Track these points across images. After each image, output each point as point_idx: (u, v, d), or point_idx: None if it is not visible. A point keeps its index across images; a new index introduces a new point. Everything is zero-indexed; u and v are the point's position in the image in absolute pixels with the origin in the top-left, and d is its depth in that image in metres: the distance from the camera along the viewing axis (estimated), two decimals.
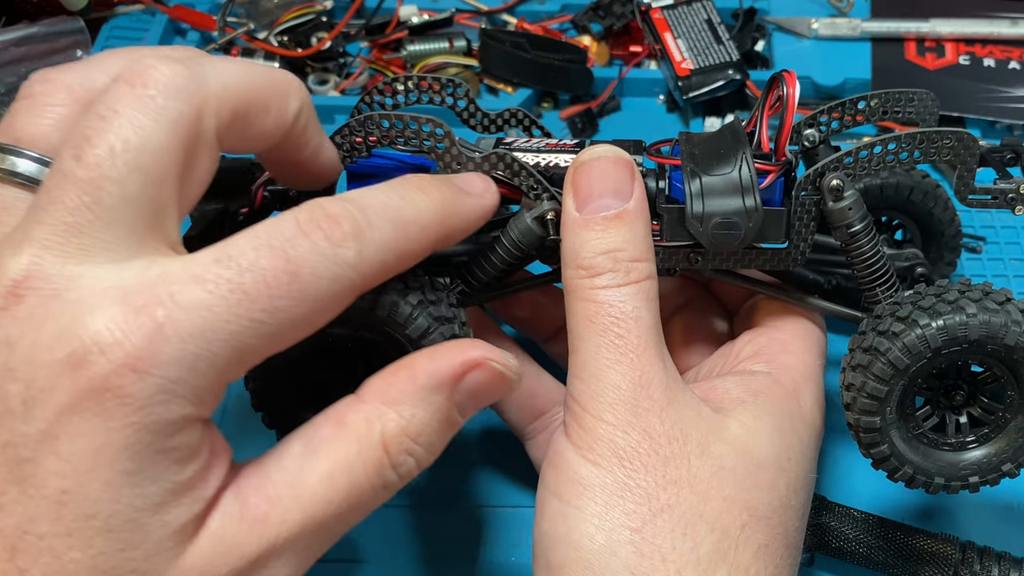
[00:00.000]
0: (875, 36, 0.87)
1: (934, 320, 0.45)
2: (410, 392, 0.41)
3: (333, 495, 0.39)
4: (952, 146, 0.48)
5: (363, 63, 0.86)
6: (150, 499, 0.36)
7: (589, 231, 0.47)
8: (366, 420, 0.41)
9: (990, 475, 0.49)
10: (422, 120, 0.49)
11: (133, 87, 0.37)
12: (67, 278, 0.35)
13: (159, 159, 0.37)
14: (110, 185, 0.36)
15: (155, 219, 0.38)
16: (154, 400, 0.35)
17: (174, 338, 0.35)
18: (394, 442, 0.40)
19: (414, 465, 0.42)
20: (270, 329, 0.37)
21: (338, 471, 0.40)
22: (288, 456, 0.40)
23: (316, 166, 0.47)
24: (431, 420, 0.41)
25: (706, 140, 0.50)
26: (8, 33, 0.86)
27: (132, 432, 0.35)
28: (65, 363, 0.34)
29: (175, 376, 0.35)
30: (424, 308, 0.47)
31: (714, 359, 0.55)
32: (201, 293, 0.36)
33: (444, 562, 0.60)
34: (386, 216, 0.41)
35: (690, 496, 0.44)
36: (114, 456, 0.35)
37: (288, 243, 0.38)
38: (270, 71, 0.43)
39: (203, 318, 0.35)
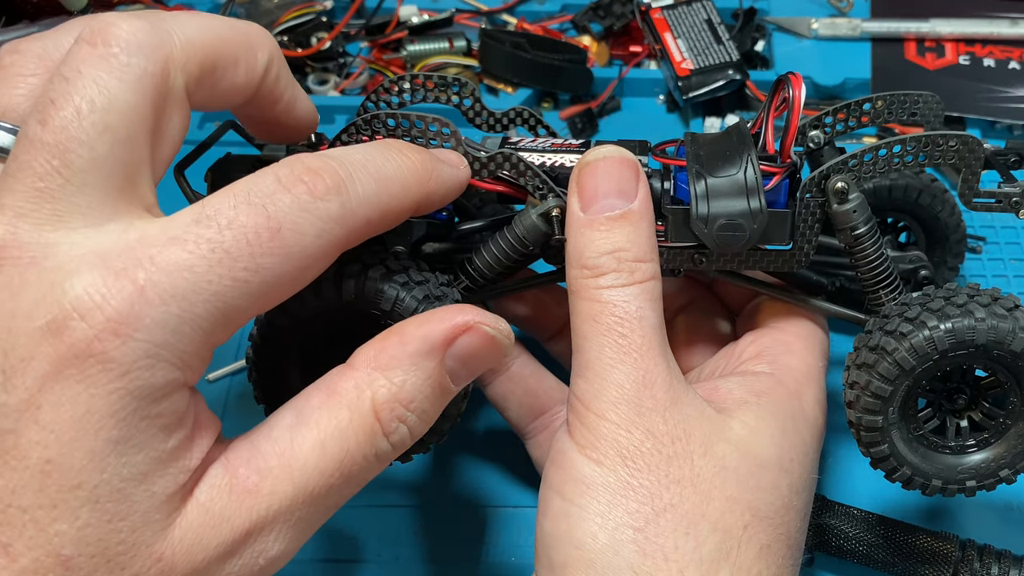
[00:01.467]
0: (875, 36, 0.87)
1: (942, 323, 0.45)
2: (400, 358, 0.41)
3: (325, 465, 0.39)
4: (957, 149, 0.48)
5: (363, 63, 0.86)
6: (136, 468, 0.35)
7: (594, 231, 0.47)
8: (356, 387, 0.40)
9: (987, 480, 0.49)
10: (428, 119, 0.49)
11: (95, 46, 0.37)
12: (43, 245, 0.35)
13: (127, 118, 0.36)
14: (78, 147, 0.35)
15: (128, 180, 0.37)
16: (138, 364, 0.34)
17: (156, 300, 0.34)
18: (385, 408, 0.40)
19: (407, 433, 0.41)
20: (254, 288, 0.36)
21: (329, 440, 0.39)
22: (278, 427, 0.39)
23: (292, 118, 0.47)
24: (423, 386, 0.41)
25: (711, 141, 0.50)
26: (8, 33, 0.85)
27: (117, 398, 0.34)
28: (45, 330, 0.34)
29: (159, 339, 0.34)
30: (429, 303, 0.47)
31: (717, 359, 0.55)
32: (181, 254, 0.35)
33: (444, 562, 0.60)
34: (368, 171, 0.40)
35: (693, 496, 0.44)
36: (99, 424, 0.34)
37: (268, 199, 0.37)
38: (236, 23, 0.42)
39: (185, 279, 0.35)
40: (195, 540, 0.36)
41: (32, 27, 0.86)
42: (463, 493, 0.62)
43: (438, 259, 0.53)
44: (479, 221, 0.55)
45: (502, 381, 0.57)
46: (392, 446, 0.41)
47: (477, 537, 0.60)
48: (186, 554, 0.36)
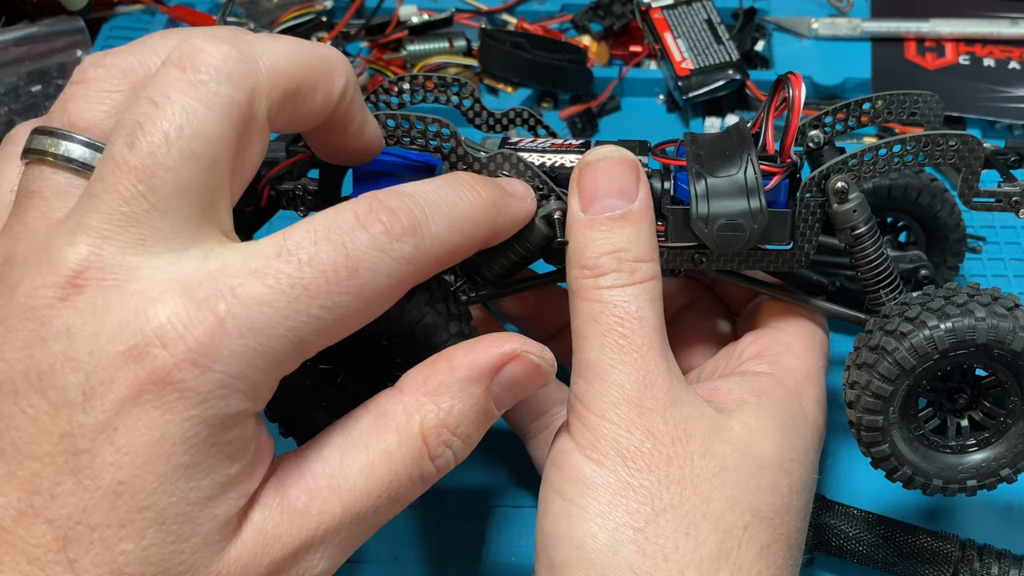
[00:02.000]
0: (875, 36, 0.87)
1: (943, 322, 0.45)
2: (449, 384, 0.41)
3: (373, 486, 0.40)
4: (956, 149, 0.48)
5: (363, 63, 0.86)
6: (202, 492, 0.36)
7: (594, 231, 0.47)
8: (405, 411, 0.41)
9: (988, 480, 0.49)
10: (428, 120, 0.49)
11: (184, 71, 0.37)
12: (127, 268, 0.35)
13: (212, 146, 0.37)
14: (165, 173, 0.36)
15: (209, 206, 0.38)
16: (214, 395, 0.35)
17: (235, 333, 0.35)
18: (433, 433, 0.41)
19: (451, 457, 0.42)
20: (327, 324, 0.37)
21: (378, 463, 0.40)
22: (328, 448, 0.40)
23: (360, 142, 0.47)
24: (469, 412, 0.42)
25: (711, 141, 0.50)
26: (8, 33, 0.86)
27: (190, 426, 0.35)
28: (127, 355, 0.34)
29: (235, 371, 0.35)
30: (432, 305, 0.47)
31: (717, 359, 0.55)
32: (261, 288, 0.36)
33: (444, 562, 0.60)
34: (442, 211, 0.41)
35: (693, 496, 0.44)
36: (171, 449, 0.35)
37: (347, 237, 0.37)
38: (316, 48, 0.42)
39: (263, 314, 0.35)
40: (249, 559, 0.37)
41: (32, 27, 0.86)
42: (463, 493, 0.62)
43: None
44: None
45: None
46: (437, 469, 0.42)
47: (477, 537, 0.60)
48: (240, 573, 0.37)
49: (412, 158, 0.51)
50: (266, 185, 0.51)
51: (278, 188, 0.52)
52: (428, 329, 0.47)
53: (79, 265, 0.35)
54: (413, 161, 0.51)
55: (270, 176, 0.51)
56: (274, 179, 0.51)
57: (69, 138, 0.40)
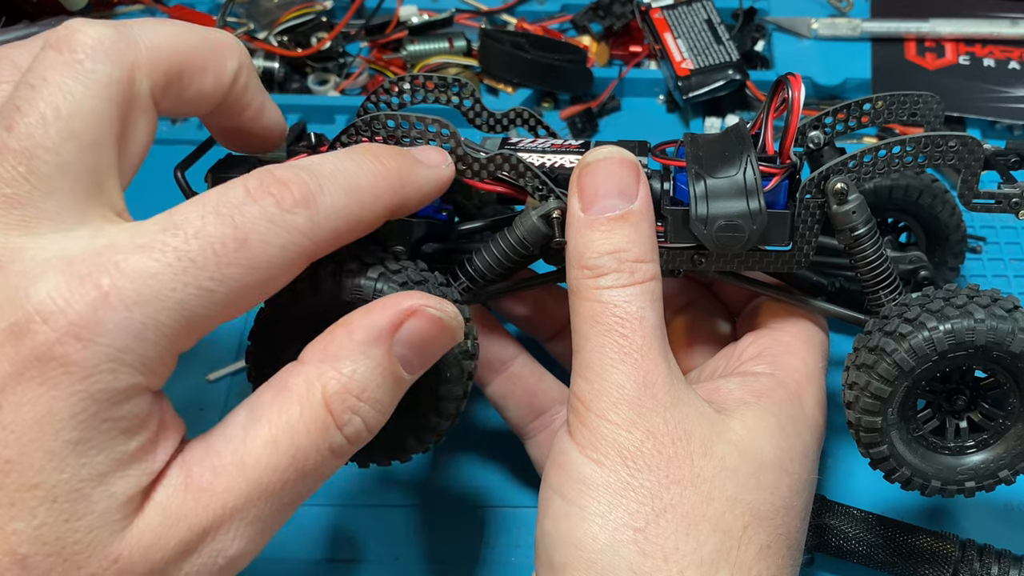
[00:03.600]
0: (875, 36, 0.87)
1: (942, 324, 0.45)
2: (348, 348, 0.40)
3: (278, 460, 0.38)
4: (956, 150, 0.48)
5: (363, 63, 0.86)
6: (95, 469, 0.35)
7: (594, 231, 0.47)
8: (306, 381, 0.40)
9: (987, 481, 0.49)
10: (428, 120, 0.49)
11: (60, 52, 0.37)
12: (10, 250, 0.35)
13: (93, 124, 0.37)
14: (45, 154, 0.36)
15: (96, 185, 0.37)
16: (100, 368, 0.34)
17: (119, 306, 0.34)
18: (336, 400, 0.39)
19: (361, 425, 0.40)
20: (220, 297, 0.36)
21: (281, 435, 0.39)
22: (232, 426, 0.39)
23: (260, 127, 0.47)
24: (373, 374, 0.40)
25: (711, 142, 0.50)
26: (8, 33, 0.86)
27: (77, 401, 0.34)
28: (7, 332, 0.34)
29: (121, 344, 0.34)
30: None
31: (717, 360, 0.56)
32: (147, 261, 0.35)
33: (444, 562, 0.60)
34: (338, 182, 0.40)
35: (693, 496, 0.44)
36: (59, 425, 0.34)
37: (236, 209, 0.37)
38: (204, 31, 0.42)
39: (149, 286, 0.35)
40: (153, 540, 0.36)
41: (32, 27, 0.86)
42: (463, 493, 0.62)
43: (438, 259, 0.53)
44: (479, 221, 0.55)
45: (501, 381, 0.57)
46: (347, 439, 0.40)
47: (477, 537, 0.60)
48: (144, 554, 0.36)
49: None
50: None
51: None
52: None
53: None
54: None
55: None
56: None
57: None
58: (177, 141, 0.80)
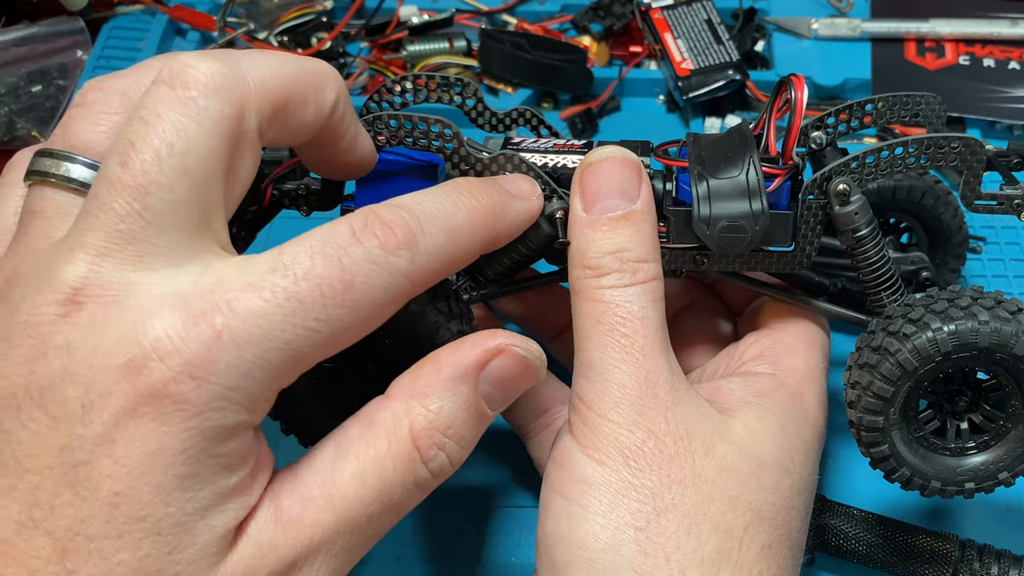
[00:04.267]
0: (875, 36, 0.87)
1: (946, 324, 0.45)
2: (435, 385, 0.41)
3: (365, 494, 0.39)
4: (959, 151, 0.48)
5: (363, 63, 0.86)
6: (199, 503, 0.36)
7: (596, 231, 0.47)
8: (394, 416, 0.40)
9: (986, 482, 0.49)
10: (431, 120, 0.49)
11: (173, 88, 0.37)
12: (125, 284, 0.36)
13: (204, 162, 0.37)
14: (158, 191, 0.36)
15: (204, 221, 0.38)
16: (211, 406, 0.35)
17: (231, 346, 0.35)
18: (423, 436, 0.40)
19: (446, 460, 0.41)
20: (323, 337, 0.37)
21: (368, 470, 0.39)
22: (319, 459, 0.40)
23: (353, 156, 0.47)
24: (459, 412, 0.41)
25: (714, 142, 0.50)
26: (8, 33, 0.86)
27: (188, 437, 0.35)
28: (124, 368, 0.35)
29: (232, 383, 0.35)
30: (433, 304, 0.47)
31: (718, 360, 0.56)
32: (258, 301, 0.36)
33: (444, 562, 0.60)
34: (438, 223, 0.41)
35: (694, 496, 0.44)
36: (169, 460, 0.35)
37: (343, 251, 0.38)
38: (306, 62, 0.42)
39: (259, 327, 0.36)
40: (245, 571, 0.37)
41: (32, 27, 0.86)
42: (463, 493, 0.62)
43: None
44: None
45: None
46: (432, 474, 0.41)
47: (477, 537, 0.60)
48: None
49: (415, 157, 0.51)
50: (269, 185, 0.51)
51: (281, 188, 0.52)
52: (430, 328, 0.47)
53: (78, 282, 0.36)
54: (416, 160, 0.51)
55: (273, 176, 0.51)
56: (277, 179, 0.52)
57: (70, 159, 0.40)
58: None
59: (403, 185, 0.52)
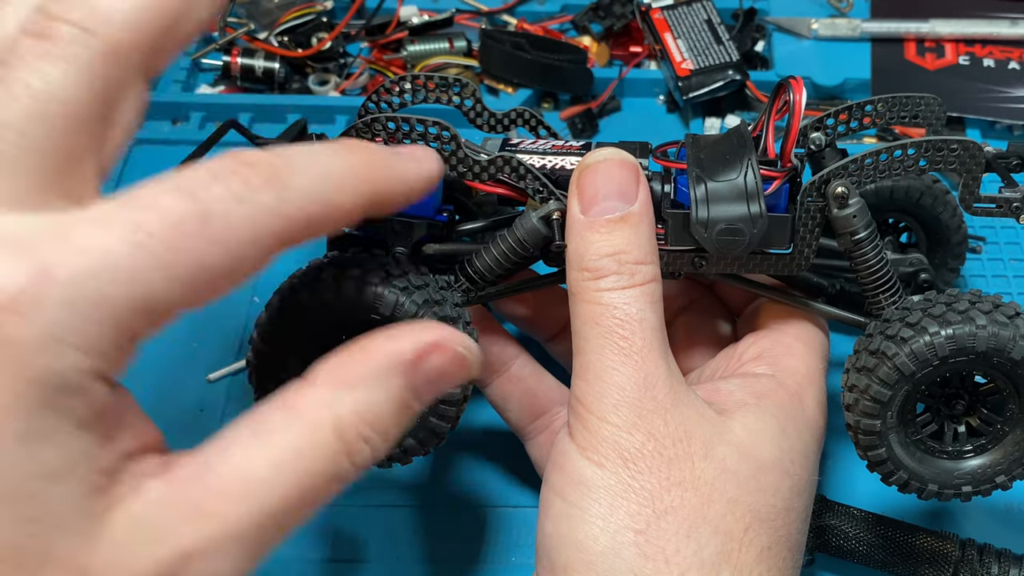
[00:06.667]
0: (875, 36, 0.87)
1: (944, 328, 0.45)
2: (365, 374, 0.38)
3: (281, 485, 0.36)
4: (958, 154, 0.48)
5: (363, 63, 0.86)
6: (44, 465, 0.32)
7: (594, 233, 0.47)
8: (317, 404, 0.37)
9: (983, 486, 0.49)
10: (428, 122, 0.49)
11: (39, 40, 0.35)
12: None
13: (68, 106, 0.35)
14: (8, 133, 0.34)
15: (65, 170, 0.35)
16: (43, 348, 0.32)
17: (63, 279, 0.32)
18: (349, 428, 0.37)
19: (369, 454, 0.38)
20: (179, 272, 0.34)
21: (287, 459, 0.36)
22: (233, 444, 0.36)
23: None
24: (387, 405, 0.38)
25: (712, 144, 0.50)
26: None
27: (20, 384, 0.32)
28: None
29: (65, 320, 0.32)
30: (429, 308, 0.47)
31: (717, 361, 0.56)
32: (97, 232, 0.33)
33: (444, 562, 0.60)
34: (309, 165, 0.38)
35: (694, 498, 0.44)
36: (2, 413, 0.32)
37: (199, 185, 0.35)
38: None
39: (98, 259, 0.32)
40: (127, 554, 0.34)
41: None
42: (463, 493, 0.63)
43: (439, 260, 0.53)
44: (480, 222, 0.55)
45: (502, 382, 0.57)
46: (354, 466, 0.38)
47: (477, 537, 0.60)
48: (115, 567, 0.34)
49: None
50: None
51: None
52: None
53: None
54: None
55: None
56: None
57: None
58: (177, 141, 0.80)
59: None
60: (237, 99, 0.84)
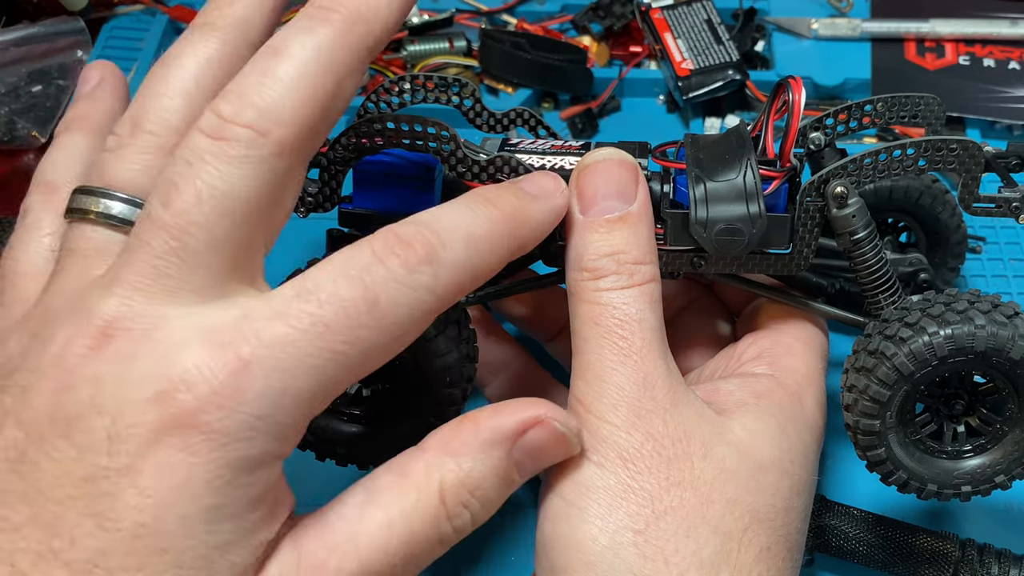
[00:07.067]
0: (875, 36, 0.87)
1: (942, 328, 0.45)
2: (471, 444, 0.41)
3: (390, 545, 0.39)
4: (957, 154, 0.48)
5: None
6: (223, 537, 0.36)
7: (593, 233, 0.47)
8: (426, 470, 0.40)
9: (982, 485, 0.49)
10: (428, 123, 0.49)
11: (214, 141, 0.38)
12: (155, 318, 0.36)
13: (244, 203, 0.37)
14: (197, 231, 0.37)
15: (242, 259, 0.38)
16: (239, 436, 0.35)
17: (259, 374, 0.35)
18: (451, 493, 0.40)
19: (469, 520, 0.41)
20: (352, 360, 0.37)
21: (396, 520, 0.39)
22: (348, 505, 0.40)
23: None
24: (489, 474, 0.41)
25: (712, 144, 0.50)
26: (8, 33, 0.85)
27: (215, 467, 0.35)
28: (152, 399, 0.35)
29: (260, 412, 0.35)
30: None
31: (716, 361, 0.55)
32: (284, 328, 0.36)
33: (444, 562, 0.59)
34: (458, 234, 0.41)
35: (693, 498, 0.44)
36: (195, 491, 0.35)
37: (365, 272, 0.38)
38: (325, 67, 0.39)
39: (287, 353, 0.36)
40: None
41: (32, 27, 0.86)
42: None
43: None
44: None
45: (502, 382, 0.57)
46: (454, 531, 0.41)
47: (477, 537, 0.60)
48: None
49: (412, 159, 0.51)
50: None
51: None
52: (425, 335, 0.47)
53: (110, 316, 0.36)
54: (413, 161, 0.52)
55: None
56: None
57: (108, 195, 0.41)
58: None
59: (401, 186, 0.52)
60: None
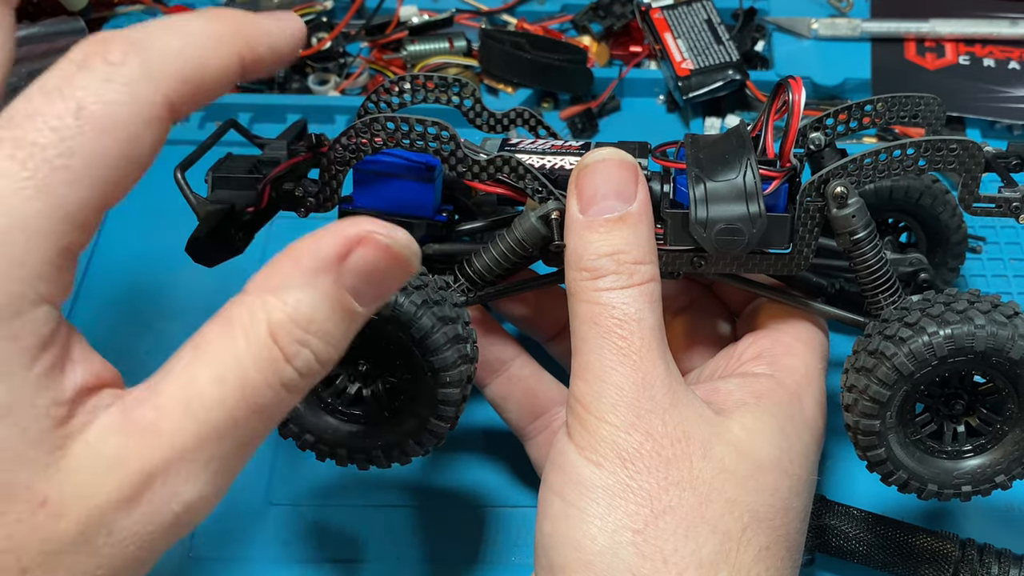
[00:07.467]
0: (875, 36, 0.87)
1: (942, 328, 0.45)
2: (292, 277, 0.37)
3: (226, 397, 0.36)
4: (957, 154, 0.48)
5: (363, 63, 0.86)
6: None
7: (593, 233, 0.47)
8: (249, 312, 0.37)
9: (982, 485, 0.49)
10: (428, 123, 0.49)
11: None
12: None
13: None
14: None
15: None
16: None
17: None
18: (282, 331, 0.36)
19: (312, 358, 0.37)
20: (79, 172, 0.34)
21: (228, 370, 0.36)
22: (177, 364, 0.36)
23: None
24: (320, 305, 0.37)
25: (712, 144, 0.50)
26: None
27: None
28: None
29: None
30: (428, 308, 0.47)
31: (716, 361, 0.56)
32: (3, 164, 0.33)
33: (444, 562, 0.60)
34: (168, 29, 0.37)
35: (692, 498, 0.44)
36: None
37: (64, 81, 0.35)
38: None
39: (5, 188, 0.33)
40: (87, 483, 0.34)
41: (32, 27, 0.86)
42: (463, 493, 0.63)
43: (438, 260, 0.53)
44: (479, 222, 0.55)
45: (501, 382, 0.57)
46: (298, 373, 0.37)
47: (476, 537, 0.61)
48: (77, 498, 0.34)
49: (413, 159, 0.52)
50: (267, 186, 0.51)
51: (279, 189, 0.52)
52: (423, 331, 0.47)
53: None
54: (413, 161, 0.52)
55: (271, 177, 0.51)
56: (275, 180, 0.51)
57: None
58: (178, 141, 0.79)
59: (401, 186, 0.52)
60: (237, 99, 0.83)
